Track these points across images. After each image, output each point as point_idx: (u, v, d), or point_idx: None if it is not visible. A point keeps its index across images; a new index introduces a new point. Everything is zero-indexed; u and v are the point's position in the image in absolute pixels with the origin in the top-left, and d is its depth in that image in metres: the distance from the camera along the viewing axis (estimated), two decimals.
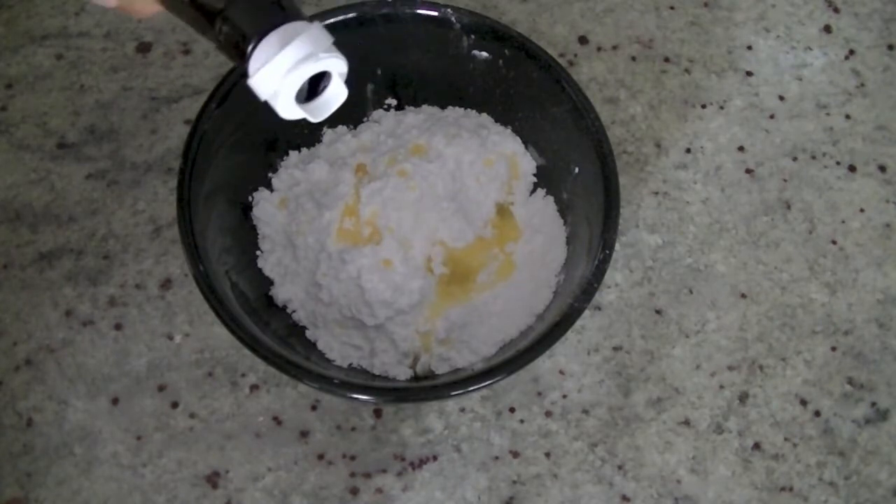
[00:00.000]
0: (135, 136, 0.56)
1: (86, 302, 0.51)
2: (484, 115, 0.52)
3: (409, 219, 0.48)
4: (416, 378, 0.47)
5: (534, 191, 0.52)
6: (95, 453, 0.48)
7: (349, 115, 0.52)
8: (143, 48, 0.58)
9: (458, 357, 0.47)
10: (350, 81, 0.51)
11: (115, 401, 0.49)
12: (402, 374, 0.46)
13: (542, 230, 0.50)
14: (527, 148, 0.52)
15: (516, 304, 0.48)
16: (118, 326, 0.51)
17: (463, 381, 0.42)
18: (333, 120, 0.52)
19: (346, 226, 0.48)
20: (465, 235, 0.49)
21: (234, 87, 0.46)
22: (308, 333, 0.48)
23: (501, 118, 0.52)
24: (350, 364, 0.47)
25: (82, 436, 0.48)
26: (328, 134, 0.52)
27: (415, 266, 0.47)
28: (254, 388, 0.50)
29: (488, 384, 0.42)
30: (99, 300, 0.51)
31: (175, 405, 0.49)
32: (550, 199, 0.51)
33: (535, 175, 0.52)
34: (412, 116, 0.52)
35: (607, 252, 0.44)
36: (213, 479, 0.48)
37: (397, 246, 0.48)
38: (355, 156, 0.51)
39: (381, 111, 0.53)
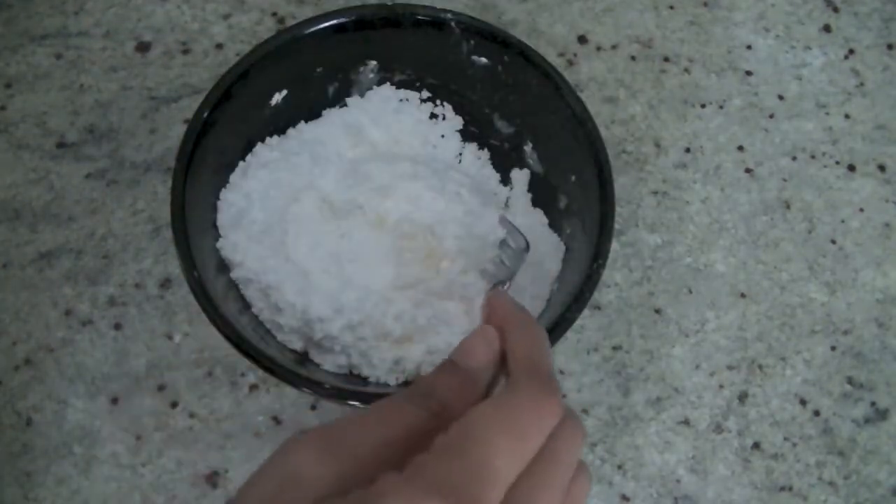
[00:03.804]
0: (134, 135, 0.56)
1: (85, 301, 0.51)
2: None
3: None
4: (406, 383, 0.47)
5: (530, 196, 0.52)
6: (95, 453, 0.48)
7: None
8: (143, 47, 0.58)
9: None
10: (347, 83, 0.52)
11: (114, 400, 0.49)
12: (392, 379, 0.46)
13: (537, 240, 0.50)
14: (527, 154, 0.52)
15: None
16: (117, 326, 0.51)
17: None
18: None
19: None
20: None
21: (231, 87, 0.46)
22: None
23: (501, 124, 0.52)
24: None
25: (82, 435, 0.48)
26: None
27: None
28: (253, 387, 0.50)
29: None
30: (98, 300, 0.51)
31: (174, 405, 0.49)
32: (543, 211, 0.51)
33: (530, 186, 0.52)
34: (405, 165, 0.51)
35: (600, 262, 0.44)
36: (212, 479, 0.48)
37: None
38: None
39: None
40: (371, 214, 0.51)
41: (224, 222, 0.47)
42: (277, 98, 0.50)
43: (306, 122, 0.52)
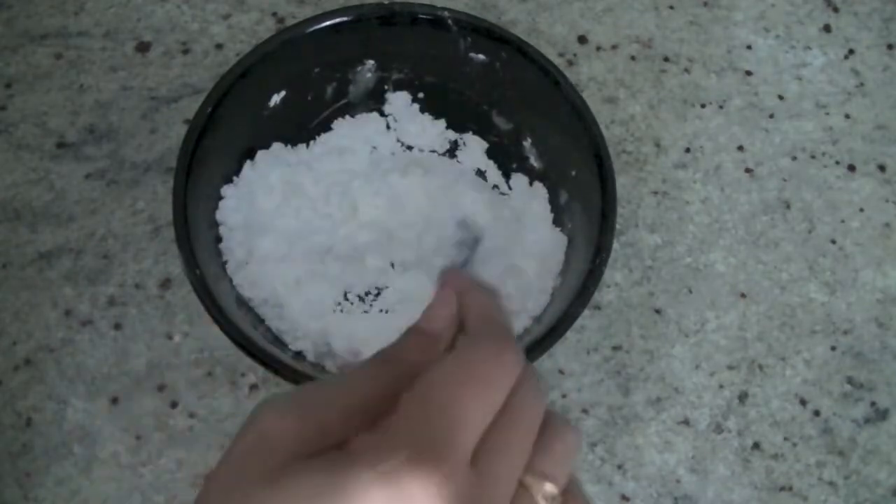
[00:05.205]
0: (134, 135, 0.56)
1: (85, 302, 0.51)
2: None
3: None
4: None
5: (531, 187, 0.52)
6: (95, 453, 0.48)
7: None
8: (143, 47, 0.58)
9: None
10: (345, 83, 0.52)
11: (114, 400, 0.49)
12: None
13: (539, 234, 0.50)
14: (526, 150, 0.52)
15: (514, 308, 0.48)
16: (117, 326, 0.51)
17: None
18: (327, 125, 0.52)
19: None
20: None
21: (231, 87, 0.46)
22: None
23: (499, 120, 0.52)
24: None
25: (82, 435, 0.48)
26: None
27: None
28: (253, 387, 0.50)
29: None
30: (98, 300, 0.51)
31: (174, 405, 0.49)
32: (548, 204, 0.51)
33: (531, 178, 0.52)
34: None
35: (603, 256, 0.44)
36: None
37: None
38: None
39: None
40: (381, 226, 0.50)
41: (234, 248, 0.47)
42: (277, 98, 0.50)
43: (310, 125, 0.52)
